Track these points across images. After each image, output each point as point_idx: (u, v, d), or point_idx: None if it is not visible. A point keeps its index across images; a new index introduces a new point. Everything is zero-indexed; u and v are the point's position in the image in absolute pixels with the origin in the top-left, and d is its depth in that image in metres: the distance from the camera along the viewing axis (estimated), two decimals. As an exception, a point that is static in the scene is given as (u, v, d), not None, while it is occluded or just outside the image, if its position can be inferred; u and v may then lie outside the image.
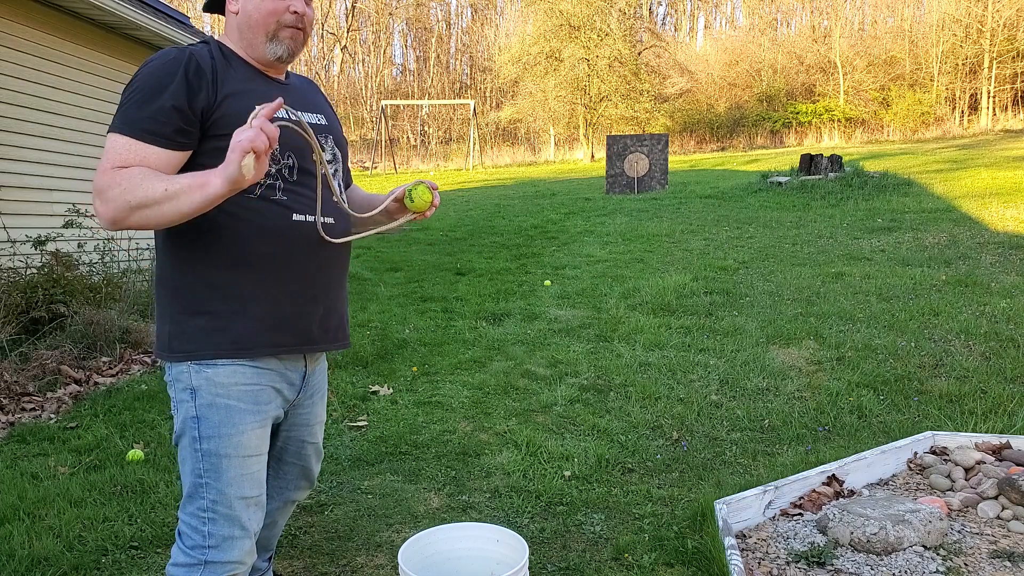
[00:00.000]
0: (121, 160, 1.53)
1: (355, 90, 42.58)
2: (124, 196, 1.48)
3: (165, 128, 1.54)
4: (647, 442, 3.60)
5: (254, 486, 1.67)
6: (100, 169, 1.53)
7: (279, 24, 1.68)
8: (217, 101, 1.59)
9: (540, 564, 2.51)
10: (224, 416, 1.62)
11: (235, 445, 1.63)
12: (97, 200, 1.51)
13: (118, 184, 1.50)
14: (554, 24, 30.32)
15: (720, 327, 5.55)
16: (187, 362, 1.63)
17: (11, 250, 5.64)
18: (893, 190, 12.20)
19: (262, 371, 1.67)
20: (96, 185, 1.52)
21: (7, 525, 2.75)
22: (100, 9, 6.38)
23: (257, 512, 1.69)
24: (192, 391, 1.63)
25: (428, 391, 4.39)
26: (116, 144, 1.54)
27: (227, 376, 1.62)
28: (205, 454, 1.62)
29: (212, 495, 1.63)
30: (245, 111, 1.48)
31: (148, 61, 1.63)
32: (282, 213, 1.65)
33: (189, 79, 1.57)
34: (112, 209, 1.49)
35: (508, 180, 22.89)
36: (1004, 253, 7.52)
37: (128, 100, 1.58)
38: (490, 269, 8.41)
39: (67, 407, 4.22)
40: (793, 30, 39.55)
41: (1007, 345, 4.76)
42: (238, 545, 1.65)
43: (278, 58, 1.71)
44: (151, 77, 1.57)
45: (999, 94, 30.57)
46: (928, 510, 2.46)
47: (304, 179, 1.71)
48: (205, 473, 1.62)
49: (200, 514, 1.63)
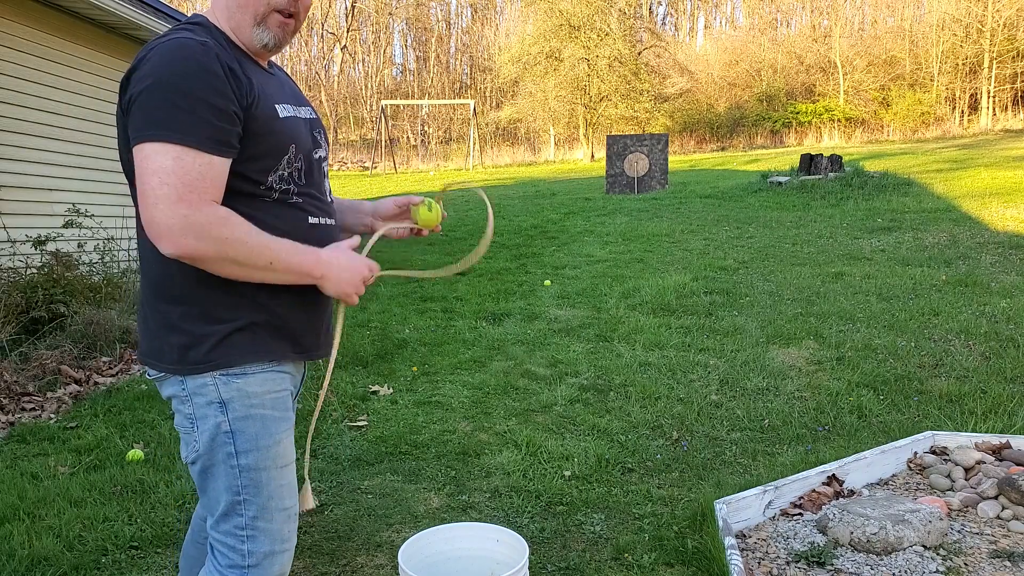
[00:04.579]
0: (206, 184, 1.39)
1: (355, 90, 42.58)
2: (224, 247, 1.39)
3: (230, 135, 1.43)
4: (647, 442, 3.60)
5: (291, 495, 1.61)
6: (170, 197, 1.35)
7: (269, 7, 1.54)
8: (249, 105, 1.48)
9: (540, 564, 2.51)
10: (261, 428, 1.53)
11: (273, 456, 1.55)
12: (180, 243, 1.36)
13: (223, 226, 1.39)
14: (554, 24, 30.30)
15: (720, 327, 5.55)
16: (210, 373, 1.50)
17: (11, 250, 5.64)
18: (893, 190, 12.20)
19: (285, 375, 1.60)
20: (171, 217, 1.35)
21: (7, 525, 2.75)
22: (100, 9, 6.38)
23: (294, 523, 1.62)
24: (222, 404, 1.51)
25: (428, 391, 4.39)
26: (179, 165, 1.36)
27: (259, 385, 1.53)
28: (243, 469, 1.52)
29: (252, 511, 1.54)
30: (266, 111, 1.50)
31: (164, 53, 1.42)
32: (300, 216, 1.60)
33: (229, 78, 1.44)
34: (202, 249, 1.38)
35: (508, 180, 22.89)
36: (1004, 253, 7.52)
37: (169, 101, 1.37)
38: (490, 269, 8.41)
39: (67, 407, 4.22)
40: (793, 30, 39.55)
41: (1007, 345, 4.76)
42: (279, 560, 1.58)
43: (264, 45, 1.57)
44: (194, 78, 1.39)
45: (999, 94, 30.56)
46: (928, 510, 2.46)
47: (310, 181, 1.64)
48: (244, 490, 1.53)
49: (238, 532, 1.54)
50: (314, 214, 1.63)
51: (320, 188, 1.67)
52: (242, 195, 1.50)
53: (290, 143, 1.55)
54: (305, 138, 1.62)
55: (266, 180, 1.53)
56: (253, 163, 1.50)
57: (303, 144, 1.60)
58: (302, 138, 1.60)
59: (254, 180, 1.51)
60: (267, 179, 1.53)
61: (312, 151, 1.64)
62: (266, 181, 1.53)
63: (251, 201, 1.51)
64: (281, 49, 1.61)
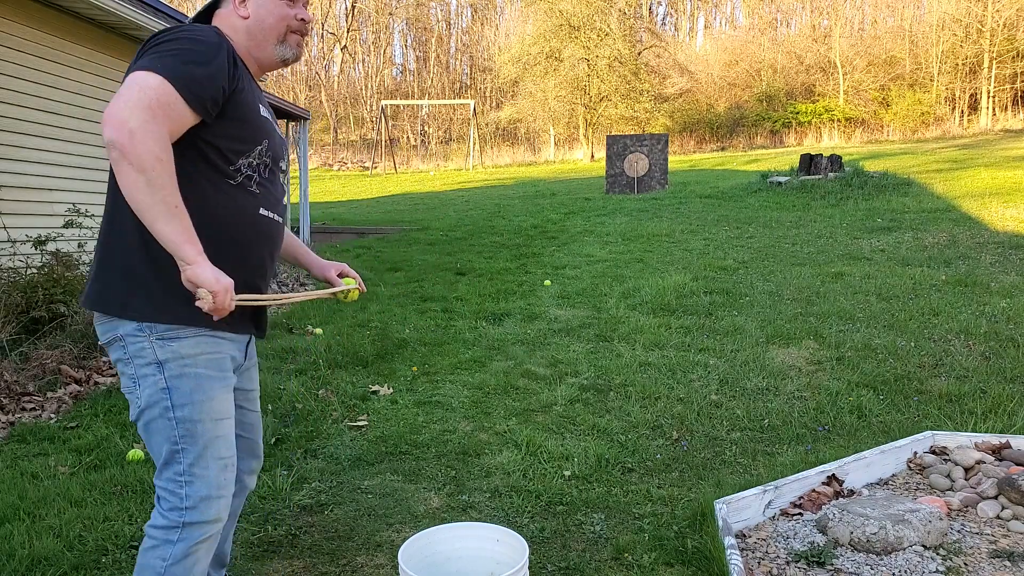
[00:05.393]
0: (173, 115, 1.56)
1: (355, 90, 42.58)
2: (153, 163, 1.51)
3: (207, 94, 1.61)
4: (647, 442, 3.60)
5: (228, 447, 1.78)
6: (142, 101, 1.52)
7: (288, 29, 1.84)
8: (237, 88, 1.71)
9: (540, 564, 2.51)
10: (195, 384, 1.71)
11: (207, 410, 1.72)
12: (126, 131, 1.49)
13: (164, 150, 1.53)
14: (554, 24, 30.30)
15: (720, 327, 5.55)
16: (148, 338, 1.68)
17: (11, 250, 5.64)
18: (893, 190, 12.21)
19: (221, 340, 1.77)
20: (134, 112, 1.50)
21: (7, 525, 2.75)
22: (100, 9, 6.38)
23: (231, 473, 1.79)
24: (159, 364, 1.69)
25: (428, 391, 4.39)
26: (157, 85, 1.54)
27: (192, 347, 1.71)
28: (180, 421, 1.70)
29: (189, 459, 1.71)
30: (251, 104, 1.74)
31: (183, 27, 1.68)
32: (253, 204, 1.79)
33: (229, 60, 1.68)
34: (137, 151, 1.50)
35: (508, 180, 22.89)
36: (1004, 253, 7.53)
37: (169, 51, 1.60)
38: (490, 269, 8.41)
39: (67, 407, 4.22)
40: (793, 30, 39.54)
41: (1007, 345, 4.76)
42: (214, 505, 1.74)
43: (284, 60, 1.86)
44: (199, 43, 1.64)
45: (999, 94, 30.56)
46: (928, 510, 2.46)
47: (273, 178, 1.86)
48: (181, 439, 1.71)
49: (177, 478, 1.71)
50: (266, 207, 1.83)
51: (278, 188, 1.89)
52: (213, 169, 1.70)
53: (264, 138, 1.79)
54: (277, 144, 1.86)
55: (236, 161, 1.74)
56: (230, 141, 1.71)
57: (274, 146, 1.84)
58: (275, 142, 1.84)
59: (227, 157, 1.72)
60: (238, 160, 1.74)
61: (279, 160, 1.87)
62: (236, 162, 1.74)
63: (218, 178, 1.71)
64: (298, 60, 1.92)
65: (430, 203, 17.55)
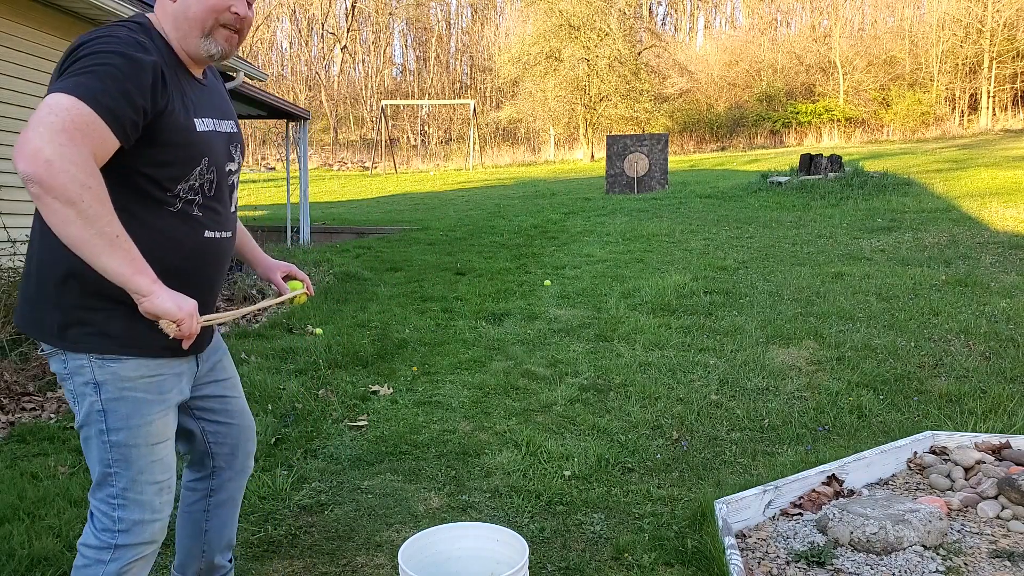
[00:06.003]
0: (93, 136, 1.41)
1: (355, 90, 42.58)
2: (81, 192, 1.38)
3: (126, 115, 1.47)
4: (647, 442, 3.60)
5: (164, 470, 1.72)
6: (54, 125, 1.36)
7: (216, 22, 1.64)
8: (163, 111, 1.56)
9: (540, 564, 2.51)
10: (132, 408, 1.65)
11: (144, 435, 1.67)
12: (42, 161, 1.34)
13: (90, 175, 1.39)
14: (554, 24, 30.30)
15: (720, 327, 5.55)
16: (87, 355, 1.62)
17: (11, 250, 5.64)
18: (893, 190, 12.21)
19: (163, 362, 1.70)
20: (48, 139, 1.35)
21: (7, 525, 2.75)
22: (100, 9, 6.38)
23: (168, 495, 1.74)
24: (96, 385, 1.63)
25: (428, 391, 4.39)
26: (70, 105, 1.39)
27: (132, 370, 1.64)
28: (114, 445, 1.65)
29: (122, 483, 1.66)
30: (180, 125, 1.59)
31: (102, 36, 1.52)
32: (196, 229, 1.69)
33: (155, 78, 1.53)
34: (59, 181, 1.36)
35: (508, 180, 22.90)
36: (1004, 253, 7.53)
37: (84, 68, 1.45)
38: (490, 269, 8.41)
39: (67, 407, 4.22)
40: (793, 30, 39.55)
41: (1007, 345, 4.76)
42: (148, 528, 1.70)
43: (210, 56, 1.67)
44: (119, 57, 1.48)
45: (999, 94, 30.57)
46: (928, 510, 2.46)
47: (219, 194, 1.74)
48: (114, 463, 1.66)
49: (110, 500, 1.67)
50: (211, 228, 1.73)
51: (224, 202, 1.78)
52: (148, 199, 1.60)
53: (204, 156, 1.66)
54: (220, 152, 1.73)
55: (174, 188, 1.63)
56: (164, 169, 1.60)
57: (217, 158, 1.71)
58: (217, 152, 1.71)
59: (163, 187, 1.61)
60: (175, 187, 1.63)
61: (225, 164, 1.75)
62: (174, 189, 1.63)
63: (155, 208, 1.61)
64: (227, 59, 1.72)
65: (430, 203, 17.55)
